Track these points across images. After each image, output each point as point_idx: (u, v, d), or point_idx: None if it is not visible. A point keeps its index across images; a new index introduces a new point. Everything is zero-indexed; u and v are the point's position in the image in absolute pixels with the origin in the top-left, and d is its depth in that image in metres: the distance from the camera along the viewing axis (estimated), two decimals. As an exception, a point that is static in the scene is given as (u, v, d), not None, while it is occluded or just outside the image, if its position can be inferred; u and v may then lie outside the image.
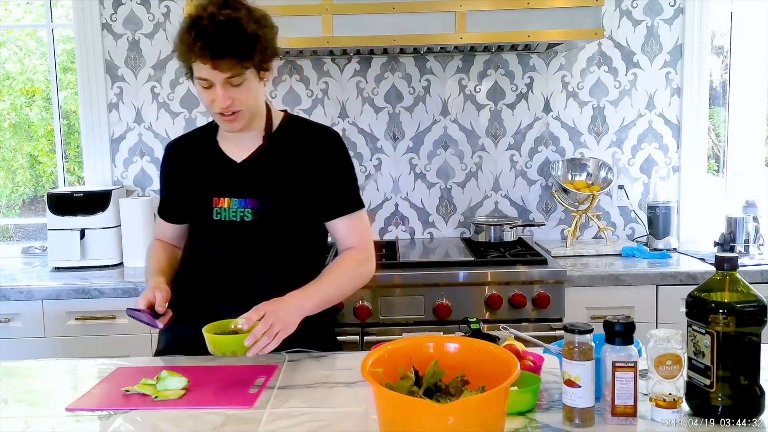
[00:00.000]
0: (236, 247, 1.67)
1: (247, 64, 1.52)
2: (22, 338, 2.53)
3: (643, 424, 1.22)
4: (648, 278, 2.53)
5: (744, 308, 1.19)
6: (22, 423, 1.32)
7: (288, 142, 1.70)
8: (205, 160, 1.73)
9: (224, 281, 1.68)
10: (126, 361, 1.65)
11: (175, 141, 1.83)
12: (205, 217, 1.69)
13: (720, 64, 3.20)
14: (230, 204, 1.66)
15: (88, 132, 3.04)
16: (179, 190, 1.76)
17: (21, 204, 3.36)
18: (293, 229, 1.70)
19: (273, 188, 1.66)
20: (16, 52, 3.32)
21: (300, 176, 1.68)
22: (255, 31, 1.51)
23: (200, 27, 1.48)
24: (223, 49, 1.48)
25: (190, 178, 1.74)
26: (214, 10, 1.49)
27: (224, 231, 1.67)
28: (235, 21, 1.49)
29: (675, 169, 3.07)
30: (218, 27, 1.48)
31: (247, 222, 1.66)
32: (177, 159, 1.78)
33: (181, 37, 1.52)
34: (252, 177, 1.67)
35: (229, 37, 1.48)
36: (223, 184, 1.68)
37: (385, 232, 3.13)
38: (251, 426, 1.26)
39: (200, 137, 1.78)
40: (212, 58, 1.49)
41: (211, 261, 1.70)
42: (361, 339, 2.42)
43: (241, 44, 1.50)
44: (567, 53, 3.02)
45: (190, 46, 1.49)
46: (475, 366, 1.20)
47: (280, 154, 1.69)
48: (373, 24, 2.54)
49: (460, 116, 3.07)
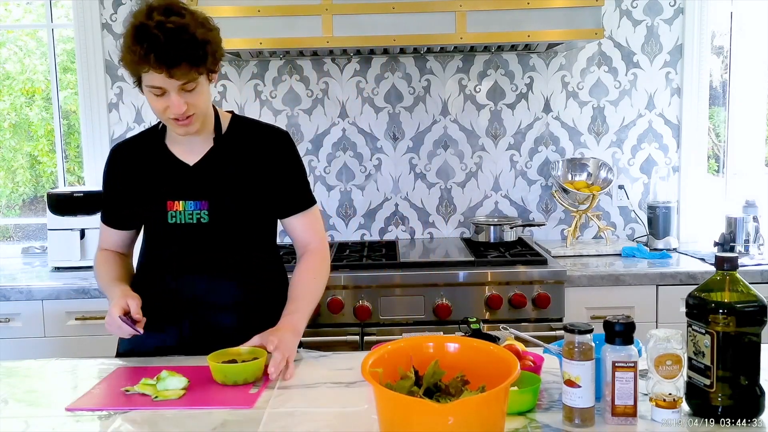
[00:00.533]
0: (194, 248, 1.68)
1: (201, 69, 1.52)
2: (22, 338, 2.53)
3: (643, 424, 1.22)
4: (648, 278, 2.53)
5: (744, 308, 1.19)
6: (22, 423, 1.32)
7: (238, 143, 1.71)
8: (155, 164, 1.70)
9: (184, 283, 1.68)
10: (126, 361, 1.65)
11: (119, 145, 1.79)
12: (159, 221, 1.68)
13: (720, 64, 3.20)
14: (185, 207, 1.66)
15: (88, 132, 3.04)
16: (128, 195, 1.73)
17: (21, 204, 3.36)
18: (249, 228, 1.72)
19: (227, 189, 1.67)
20: (16, 52, 3.32)
21: (252, 175, 1.69)
22: (204, 36, 1.51)
23: (151, 36, 1.46)
24: (178, 57, 1.47)
25: (140, 183, 1.71)
26: (161, 18, 1.47)
27: (181, 234, 1.67)
28: (184, 28, 1.48)
29: (675, 169, 3.07)
30: (169, 35, 1.46)
31: (204, 224, 1.66)
32: (124, 163, 1.75)
33: (130, 47, 1.49)
34: (205, 179, 1.67)
35: (181, 44, 1.47)
36: (176, 188, 1.67)
37: (385, 232, 3.13)
38: (251, 426, 1.26)
39: (147, 141, 1.74)
40: (168, 68, 1.47)
41: (170, 264, 1.69)
42: (361, 339, 2.42)
43: (194, 50, 1.49)
44: (567, 53, 3.02)
45: (143, 57, 1.46)
46: (475, 366, 1.20)
47: (231, 155, 1.69)
48: (373, 24, 2.54)
49: (460, 116, 3.07)
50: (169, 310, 1.67)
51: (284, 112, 3.05)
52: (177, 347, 1.68)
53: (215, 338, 1.59)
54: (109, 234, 1.81)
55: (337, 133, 3.07)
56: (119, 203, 1.76)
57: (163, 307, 1.67)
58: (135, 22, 1.50)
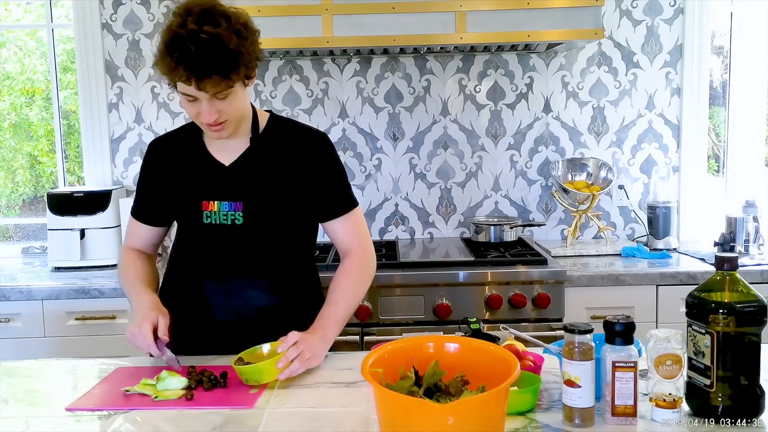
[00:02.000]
0: (228, 250, 1.66)
1: (232, 81, 1.49)
2: (22, 338, 2.53)
3: (643, 424, 1.22)
4: (648, 278, 2.53)
5: (744, 308, 1.19)
6: (22, 423, 1.32)
7: (275, 144, 1.69)
8: (191, 162, 1.69)
9: (216, 285, 1.67)
10: (126, 361, 1.65)
11: (158, 140, 1.78)
12: (194, 220, 1.67)
13: (720, 64, 3.20)
14: (219, 207, 1.65)
15: (88, 132, 3.04)
16: (162, 191, 1.72)
17: (21, 204, 3.36)
18: (283, 230, 1.69)
19: (262, 190, 1.65)
20: (16, 52, 3.32)
21: (289, 177, 1.67)
22: (237, 47, 1.47)
23: (182, 48, 1.43)
24: (208, 70, 1.45)
25: (176, 180, 1.70)
26: (194, 27, 1.43)
27: (215, 234, 1.66)
28: (217, 39, 1.44)
29: (675, 169, 3.07)
30: (200, 47, 1.42)
31: (238, 225, 1.64)
32: (161, 159, 1.74)
33: (162, 56, 1.47)
34: (241, 180, 1.66)
35: (212, 57, 1.44)
36: (212, 188, 1.66)
37: (385, 232, 3.13)
38: (251, 426, 1.26)
39: (185, 137, 1.73)
40: (197, 80, 1.46)
41: (203, 265, 1.68)
42: (361, 339, 2.42)
43: (226, 63, 1.46)
44: (567, 53, 3.02)
45: (173, 68, 1.45)
46: (475, 366, 1.20)
47: (267, 156, 1.67)
48: (373, 24, 2.54)
49: (460, 116, 3.07)
50: (200, 311, 1.65)
51: (284, 112, 3.05)
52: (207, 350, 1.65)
53: (246, 341, 1.56)
54: (138, 230, 1.79)
55: (337, 133, 3.07)
56: (153, 198, 1.74)
57: (194, 308, 1.66)
58: (169, 29, 1.46)
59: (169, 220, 1.78)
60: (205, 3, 1.49)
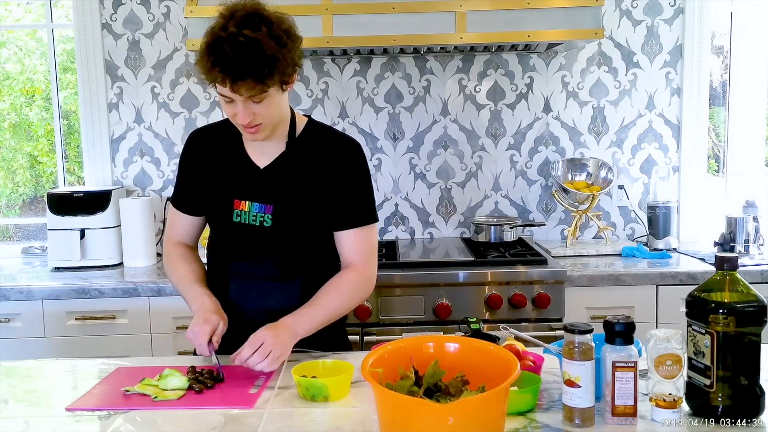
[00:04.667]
0: (254, 251, 1.67)
1: (266, 86, 1.50)
2: (22, 338, 2.53)
3: (643, 424, 1.22)
4: (648, 278, 2.53)
5: (744, 308, 1.20)
6: (22, 423, 1.32)
7: (310, 149, 1.70)
8: (228, 160, 1.71)
9: (241, 285, 1.68)
10: (126, 361, 1.65)
11: (199, 131, 1.80)
12: (224, 218, 1.69)
13: (720, 64, 3.20)
14: (250, 208, 1.66)
15: (88, 132, 3.04)
16: (199, 182, 1.74)
17: (21, 204, 3.35)
18: (311, 235, 1.70)
19: (293, 195, 1.66)
20: (16, 52, 3.32)
21: (319, 183, 1.67)
22: (274, 53, 1.47)
23: (219, 50, 1.45)
24: (243, 73, 1.46)
25: (212, 175, 1.72)
26: (234, 30, 1.45)
27: (243, 234, 1.68)
28: (255, 43, 1.45)
29: (675, 169, 3.07)
30: (237, 50, 1.44)
31: (267, 227, 1.66)
32: (200, 151, 1.75)
33: (201, 56, 1.49)
34: (273, 183, 1.67)
35: (248, 60, 1.45)
36: (244, 188, 1.68)
37: (385, 232, 3.13)
38: (251, 426, 1.27)
39: (225, 133, 1.74)
40: (231, 82, 1.47)
41: (229, 264, 1.70)
42: (361, 339, 2.42)
43: (261, 67, 1.46)
44: (567, 53, 3.02)
45: (210, 69, 1.47)
46: (475, 366, 1.20)
47: (301, 161, 1.69)
48: (373, 24, 2.54)
49: (460, 116, 3.07)
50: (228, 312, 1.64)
51: (284, 112, 3.05)
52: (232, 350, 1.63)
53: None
54: (180, 221, 1.80)
55: (337, 133, 3.06)
56: (191, 188, 1.76)
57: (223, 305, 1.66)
58: (212, 31, 1.48)
59: (205, 210, 1.79)
60: (250, 6, 1.51)
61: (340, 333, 1.84)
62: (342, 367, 1.44)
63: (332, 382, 1.37)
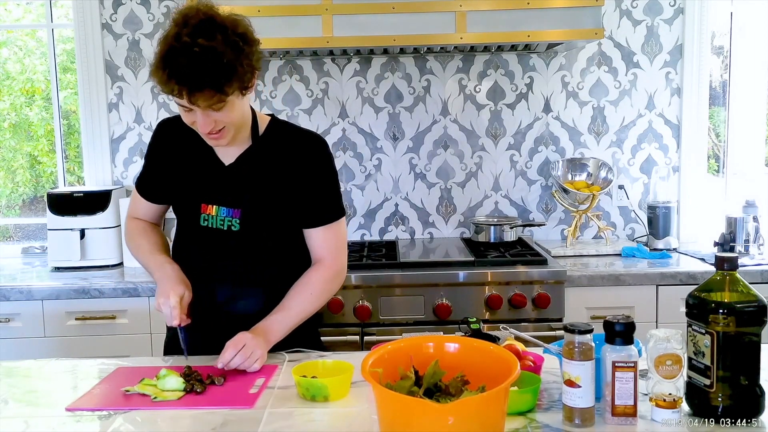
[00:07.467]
0: (221, 255, 1.66)
1: (225, 94, 1.46)
2: (22, 338, 2.53)
3: (643, 424, 1.22)
4: (648, 278, 2.53)
5: (744, 308, 1.20)
6: (22, 423, 1.32)
7: (274, 147, 1.68)
8: (194, 154, 1.68)
9: (209, 290, 1.67)
10: (126, 361, 1.65)
11: (168, 121, 1.76)
12: (192, 221, 1.68)
13: (720, 64, 3.20)
14: (218, 212, 1.65)
15: (88, 132, 3.04)
16: (164, 174, 1.72)
17: (21, 204, 3.35)
18: (279, 238, 1.69)
19: (259, 196, 1.65)
20: (16, 52, 3.32)
21: (284, 182, 1.66)
22: (231, 61, 1.43)
23: (174, 62, 1.40)
24: (200, 84, 1.42)
25: (177, 168, 1.70)
26: (188, 40, 1.41)
27: (210, 237, 1.66)
28: (210, 52, 1.40)
29: (675, 169, 3.07)
30: (193, 61, 1.40)
31: (234, 231, 1.64)
32: (168, 141, 1.73)
33: (156, 68, 1.44)
34: (239, 183, 1.65)
35: (204, 70, 1.40)
36: (211, 189, 1.66)
37: (385, 232, 3.13)
38: (251, 426, 1.26)
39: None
40: (189, 93, 1.43)
41: (197, 269, 1.68)
42: (361, 339, 2.42)
43: (218, 77, 1.43)
44: (567, 53, 3.02)
45: (166, 81, 1.42)
46: (475, 366, 1.20)
47: (267, 159, 1.66)
48: (373, 24, 2.54)
49: (460, 116, 3.07)
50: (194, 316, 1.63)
51: (284, 112, 3.05)
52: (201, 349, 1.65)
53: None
54: (142, 204, 1.80)
55: (337, 133, 3.07)
56: (156, 178, 1.75)
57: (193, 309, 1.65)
58: (165, 40, 1.44)
59: (168, 201, 1.79)
60: (203, 11, 1.46)
61: (313, 334, 1.81)
62: (342, 367, 1.44)
63: (332, 382, 1.37)
